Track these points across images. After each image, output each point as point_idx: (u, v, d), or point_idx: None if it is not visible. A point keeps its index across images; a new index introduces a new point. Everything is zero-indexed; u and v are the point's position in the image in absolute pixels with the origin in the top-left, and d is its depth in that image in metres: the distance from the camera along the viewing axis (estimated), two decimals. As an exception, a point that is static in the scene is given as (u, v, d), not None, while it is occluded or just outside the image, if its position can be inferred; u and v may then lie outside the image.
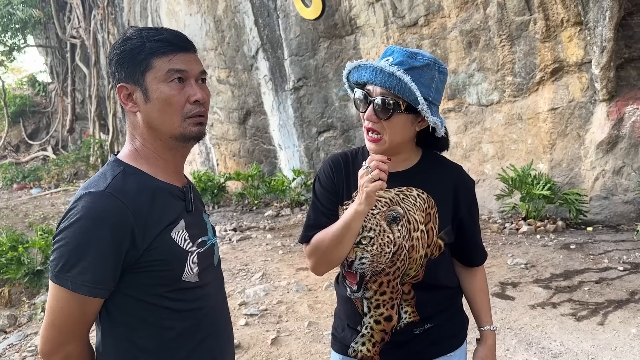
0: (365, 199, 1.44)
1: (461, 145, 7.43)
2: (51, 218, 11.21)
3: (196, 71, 1.31)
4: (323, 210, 1.62)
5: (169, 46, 1.27)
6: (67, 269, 1.19)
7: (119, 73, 1.30)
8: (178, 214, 1.33)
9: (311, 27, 8.59)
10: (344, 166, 1.65)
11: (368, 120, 1.51)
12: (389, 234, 1.55)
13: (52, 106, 22.35)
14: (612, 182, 6.01)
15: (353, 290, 1.62)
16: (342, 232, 1.50)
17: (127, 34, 1.30)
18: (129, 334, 1.29)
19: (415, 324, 1.62)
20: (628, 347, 3.42)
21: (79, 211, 1.19)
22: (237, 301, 4.77)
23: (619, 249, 5.32)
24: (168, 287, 1.29)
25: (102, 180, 1.26)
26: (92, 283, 1.19)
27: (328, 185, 1.64)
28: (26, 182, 17.44)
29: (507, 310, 4.12)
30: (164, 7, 11.70)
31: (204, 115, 1.33)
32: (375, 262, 1.56)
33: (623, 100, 5.79)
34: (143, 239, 1.23)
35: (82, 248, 1.18)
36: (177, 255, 1.30)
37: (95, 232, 1.18)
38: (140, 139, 1.33)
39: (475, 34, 6.71)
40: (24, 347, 4.47)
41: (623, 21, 5.60)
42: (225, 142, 11.64)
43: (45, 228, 6.92)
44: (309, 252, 1.62)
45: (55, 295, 1.21)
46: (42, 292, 6.07)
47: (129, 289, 1.26)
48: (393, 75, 1.44)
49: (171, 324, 1.31)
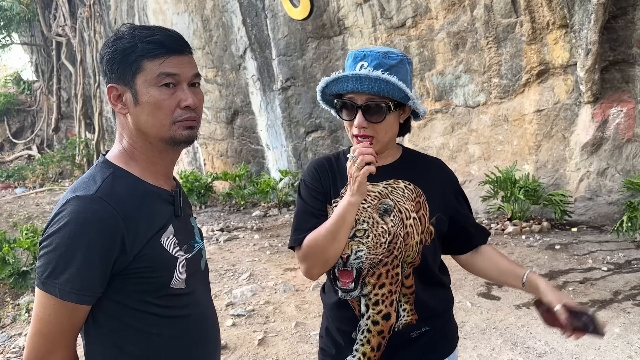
0: (358, 188, 1.45)
1: (448, 146, 7.48)
2: (36, 218, 11.09)
3: (189, 74, 1.28)
4: (312, 212, 1.60)
5: (161, 49, 1.24)
6: (55, 276, 1.15)
7: (109, 73, 1.26)
8: (167, 219, 1.30)
9: (299, 27, 8.60)
10: (329, 168, 1.65)
11: (358, 128, 1.52)
12: (383, 224, 1.55)
13: (37, 105, 22.12)
14: (597, 184, 6.08)
15: (349, 290, 1.58)
16: (337, 226, 1.48)
17: (120, 33, 1.26)
18: (117, 340, 1.26)
19: (412, 326, 1.60)
20: (611, 346, 3.47)
21: (67, 215, 1.16)
22: (224, 302, 4.75)
23: (602, 249, 5.38)
24: (156, 293, 1.27)
25: (91, 183, 1.22)
26: (81, 290, 1.16)
27: (315, 186, 1.63)
28: (10, 181, 17.24)
29: (493, 310, 4.16)
30: (151, 6, 11.63)
31: (195, 120, 1.30)
32: (372, 254, 1.54)
33: (607, 103, 5.86)
34: (133, 245, 1.20)
35: (70, 254, 1.14)
36: (166, 262, 1.27)
37: (84, 237, 1.15)
38: (129, 140, 1.30)
39: (462, 36, 6.75)
40: (8, 348, 4.42)
41: (608, 24, 5.67)
42: (212, 142, 11.60)
43: (30, 228, 6.84)
44: (303, 255, 1.56)
45: (42, 303, 1.18)
46: (27, 293, 6.00)
47: (116, 295, 1.23)
48: (379, 79, 1.46)
49: (159, 330, 1.28)
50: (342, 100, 1.54)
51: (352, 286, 1.57)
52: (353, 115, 1.52)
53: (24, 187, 16.39)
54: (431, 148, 7.69)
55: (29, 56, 22.97)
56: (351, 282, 1.57)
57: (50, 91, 20.43)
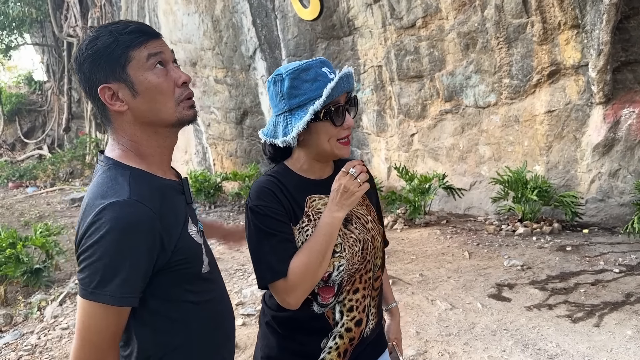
0: (349, 204, 1.48)
1: (458, 147, 7.46)
2: (47, 217, 11.18)
3: (170, 54, 1.30)
4: (286, 237, 1.47)
5: (142, 36, 1.24)
6: (104, 284, 1.14)
7: (96, 74, 1.23)
8: (185, 210, 1.33)
9: (309, 27, 8.60)
10: (282, 187, 1.54)
11: (349, 128, 1.53)
12: (351, 234, 1.56)
13: (48, 105, 22.29)
14: (608, 185, 6.04)
15: (328, 304, 1.54)
16: (325, 245, 1.45)
17: (93, 34, 1.24)
18: (155, 335, 1.27)
19: (374, 328, 1.67)
20: (623, 348, 3.45)
21: (106, 223, 1.13)
22: (234, 301, 4.77)
23: (614, 251, 5.34)
24: (191, 282, 1.30)
25: (119, 187, 1.19)
26: (131, 293, 1.17)
27: (278, 209, 1.49)
28: (22, 180, 17.39)
29: (504, 312, 4.14)
30: (161, 7, 11.69)
31: (192, 97, 1.32)
32: (350, 265, 1.54)
33: (619, 103, 5.82)
34: (170, 241, 1.22)
35: (117, 262, 1.14)
36: (196, 251, 1.31)
37: (129, 242, 1.14)
38: (131, 139, 1.28)
39: (472, 36, 6.73)
40: (20, 346, 4.47)
41: (620, 24, 5.63)
42: (222, 142, 11.63)
43: (44, 226, 6.91)
44: (292, 284, 1.43)
45: (90, 312, 1.15)
46: (39, 291, 6.06)
47: (156, 290, 1.24)
48: (349, 74, 1.52)
49: (195, 315, 1.32)
50: (335, 105, 1.49)
51: (332, 300, 1.54)
52: (344, 117, 1.52)
53: (35, 187, 16.53)
54: (441, 149, 7.67)
55: (40, 56, 23.15)
56: (332, 297, 1.54)
57: (61, 91, 20.58)
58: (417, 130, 7.92)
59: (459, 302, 4.40)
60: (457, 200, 7.44)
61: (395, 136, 8.27)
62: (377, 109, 8.38)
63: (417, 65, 7.50)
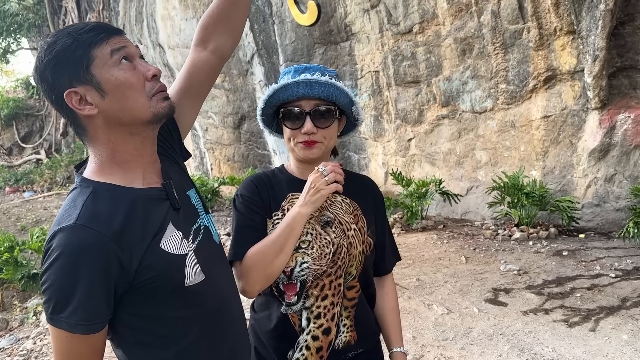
0: (315, 201, 1.50)
1: (454, 152, 7.48)
2: (44, 222, 11.16)
3: (135, 49, 1.22)
4: (253, 225, 1.56)
5: (102, 33, 1.17)
6: (59, 310, 1.10)
7: (59, 80, 1.15)
8: (164, 219, 1.23)
9: (307, 33, 8.63)
10: (267, 182, 1.65)
11: (308, 134, 1.54)
12: (326, 236, 1.56)
13: (46, 109, 22.28)
14: (604, 190, 6.07)
15: (291, 303, 1.54)
16: (285, 237, 1.48)
17: (51, 39, 1.16)
18: (146, 351, 1.23)
19: (350, 346, 1.60)
20: (619, 353, 3.45)
21: (55, 250, 1.09)
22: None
23: (610, 255, 5.36)
24: (173, 296, 1.22)
25: (72, 211, 1.13)
26: (87, 320, 1.12)
27: (254, 200, 1.59)
28: (19, 185, 17.36)
29: (500, 316, 4.15)
30: (159, 12, 11.72)
31: (165, 89, 1.24)
32: (317, 265, 1.53)
33: (615, 109, 5.85)
34: (130, 260, 1.14)
35: (67, 288, 1.09)
36: (173, 264, 1.21)
37: (77, 268, 1.09)
38: (105, 146, 1.21)
39: (469, 42, 6.76)
40: (16, 350, 4.45)
41: (615, 30, 5.67)
42: (219, 147, 11.64)
43: (40, 231, 6.90)
44: (245, 269, 1.49)
45: (57, 337, 1.14)
46: (35, 296, 6.04)
47: (133, 309, 1.19)
48: (328, 84, 1.52)
49: (185, 330, 1.25)
50: (289, 107, 1.55)
51: (294, 299, 1.54)
52: (300, 122, 1.54)
53: (32, 191, 16.51)
54: (438, 153, 7.69)
55: (38, 61, 23.12)
56: (294, 295, 1.54)
57: (58, 96, 20.55)
58: (414, 135, 7.94)
59: (455, 306, 4.41)
60: (454, 205, 7.45)
61: (393, 141, 8.29)
62: (374, 114, 8.41)
63: (414, 71, 7.52)
